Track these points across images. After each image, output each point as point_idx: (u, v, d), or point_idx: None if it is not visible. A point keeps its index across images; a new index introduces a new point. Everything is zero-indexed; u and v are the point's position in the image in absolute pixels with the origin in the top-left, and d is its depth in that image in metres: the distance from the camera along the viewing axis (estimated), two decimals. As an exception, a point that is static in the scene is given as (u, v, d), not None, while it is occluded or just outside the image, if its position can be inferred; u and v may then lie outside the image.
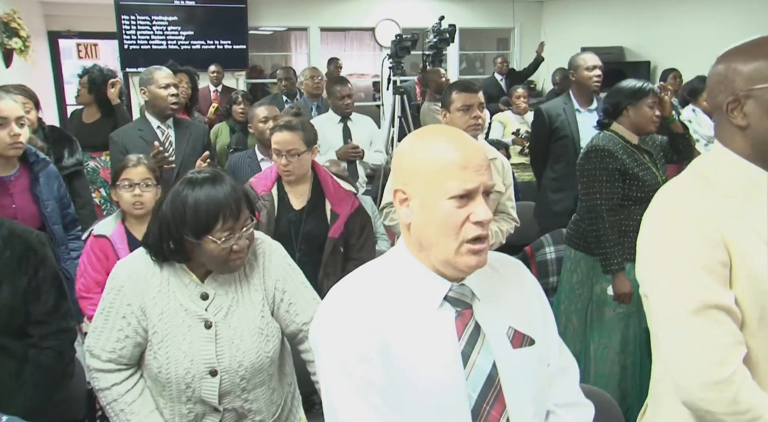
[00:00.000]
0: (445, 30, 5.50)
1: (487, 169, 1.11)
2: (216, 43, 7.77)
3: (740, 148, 1.24)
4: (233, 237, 1.55)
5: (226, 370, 1.63)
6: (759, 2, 6.07)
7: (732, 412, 1.16)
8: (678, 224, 1.22)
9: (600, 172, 2.63)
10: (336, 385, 1.11)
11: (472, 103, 2.57)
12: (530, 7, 9.15)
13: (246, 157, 3.38)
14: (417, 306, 1.14)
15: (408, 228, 1.15)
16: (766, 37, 1.22)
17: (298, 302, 1.75)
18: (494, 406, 1.12)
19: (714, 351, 1.17)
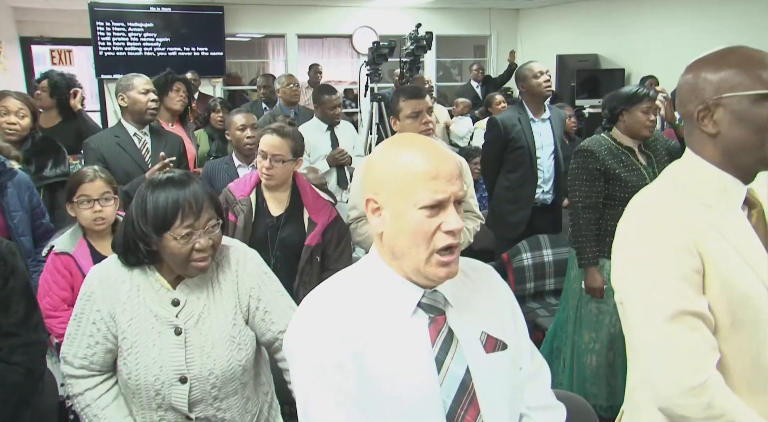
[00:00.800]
0: (422, 37, 5.52)
1: (458, 179, 1.11)
2: (192, 49, 7.74)
3: (711, 156, 1.26)
4: (194, 235, 1.56)
5: (196, 378, 1.62)
6: (730, 10, 6.22)
7: (707, 417, 1.17)
8: (652, 232, 1.24)
9: (581, 171, 2.76)
10: (311, 393, 1.11)
11: (421, 108, 2.58)
12: (506, 15, 9.24)
13: (223, 163, 3.36)
14: (390, 314, 1.15)
15: (380, 237, 1.16)
16: (733, 48, 1.25)
17: (274, 310, 1.74)
18: (468, 411, 1.13)
19: (689, 357, 1.18)
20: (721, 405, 1.17)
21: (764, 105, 1.18)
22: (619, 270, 1.31)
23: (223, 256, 1.72)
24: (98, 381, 1.66)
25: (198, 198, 1.57)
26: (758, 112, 1.18)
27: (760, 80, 1.18)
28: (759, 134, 1.19)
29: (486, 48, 9.53)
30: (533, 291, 3.52)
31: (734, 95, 1.20)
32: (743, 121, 1.20)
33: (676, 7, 6.86)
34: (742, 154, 1.22)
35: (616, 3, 7.62)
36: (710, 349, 1.19)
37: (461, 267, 1.18)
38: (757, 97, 1.18)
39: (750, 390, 1.22)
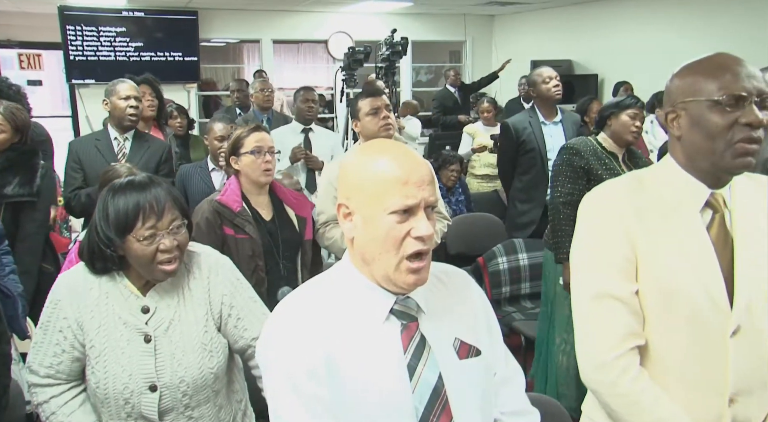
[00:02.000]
0: (397, 43, 5.54)
1: (430, 184, 1.11)
2: (167, 54, 7.65)
3: (678, 157, 1.31)
4: (157, 236, 1.55)
5: (166, 386, 1.60)
6: (701, 16, 6.33)
7: (612, 394, 1.26)
8: (592, 217, 1.34)
9: (564, 168, 2.80)
10: (283, 401, 1.11)
11: (379, 105, 2.62)
12: (481, 21, 9.32)
13: (197, 167, 3.34)
14: (362, 321, 1.14)
15: (352, 243, 1.16)
16: (714, 54, 1.28)
17: (247, 317, 1.72)
18: (441, 418, 1.13)
19: (605, 336, 1.27)
20: (627, 385, 1.25)
21: (715, 111, 1.21)
22: (571, 249, 1.39)
23: (194, 263, 1.70)
24: (64, 389, 1.63)
25: (159, 199, 1.57)
26: (710, 118, 1.22)
27: (718, 88, 1.21)
28: (710, 140, 1.23)
29: (461, 53, 9.60)
30: (509, 295, 3.53)
31: (692, 100, 1.24)
32: (698, 126, 1.24)
33: (647, 14, 6.97)
34: (699, 158, 1.26)
35: (589, 10, 7.73)
36: (627, 333, 1.27)
37: (435, 272, 1.18)
38: (710, 103, 1.22)
39: (681, 386, 1.26)
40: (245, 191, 2.46)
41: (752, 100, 1.20)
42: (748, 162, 1.23)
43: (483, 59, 9.36)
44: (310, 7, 8.15)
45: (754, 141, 1.21)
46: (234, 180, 2.47)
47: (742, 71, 1.22)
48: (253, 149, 2.41)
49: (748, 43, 5.54)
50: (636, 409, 1.24)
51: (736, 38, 5.74)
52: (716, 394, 1.26)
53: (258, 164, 2.41)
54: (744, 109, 1.20)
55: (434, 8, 8.61)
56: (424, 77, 10.47)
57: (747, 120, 1.20)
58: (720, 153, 1.22)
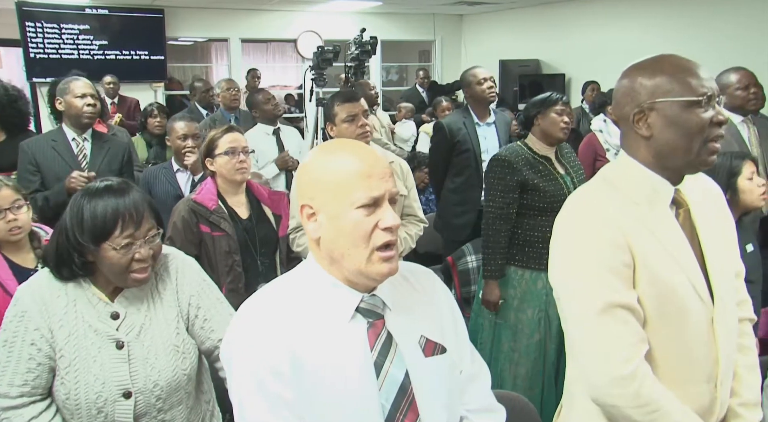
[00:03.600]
0: (366, 42, 5.54)
1: (391, 176, 1.13)
2: (132, 53, 7.53)
3: (644, 157, 1.32)
4: (134, 245, 1.52)
5: (141, 391, 1.57)
6: (666, 17, 6.47)
7: (635, 405, 1.23)
8: (584, 228, 1.30)
9: (497, 182, 2.71)
10: (247, 400, 1.11)
11: (356, 112, 2.58)
12: (450, 21, 9.37)
13: (162, 168, 3.28)
14: (328, 320, 1.14)
15: (317, 243, 1.15)
16: (665, 55, 1.31)
17: (213, 318, 1.71)
18: (407, 415, 1.13)
19: (619, 348, 1.24)
20: (648, 393, 1.23)
21: (693, 111, 1.24)
22: (555, 265, 1.35)
23: (162, 265, 1.68)
24: (42, 407, 1.55)
25: (138, 207, 1.53)
26: (687, 117, 1.24)
27: (690, 87, 1.24)
28: (687, 138, 1.25)
29: (431, 53, 9.64)
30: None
31: (667, 100, 1.25)
32: (674, 125, 1.26)
33: (614, 14, 7.09)
34: (672, 157, 1.28)
35: (557, 10, 7.83)
36: (639, 341, 1.25)
37: (401, 271, 1.19)
38: (686, 103, 1.24)
39: (677, 381, 1.29)
40: (222, 191, 2.51)
41: (716, 99, 1.25)
42: (714, 159, 1.28)
43: (452, 59, 9.41)
44: (278, 6, 8.10)
45: (720, 139, 1.27)
46: (210, 181, 2.52)
47: (703, 72, 1.27)
48: (227, 150, 2.46)
49: (706, 44, 5.71)
50: (658, 415, 1.24)
51: (695, 39, 5.90)
52: (709, 381, 1.31)
53: (233, 164, 2.45)
54: (715, 109, 1.25)
55: (403, 8, 8.63)
56: (395, 76, 10.49)
57: (719, 119, 1.25)
58: (696, 151, 1.25)
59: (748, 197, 2.36)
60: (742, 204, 2.36)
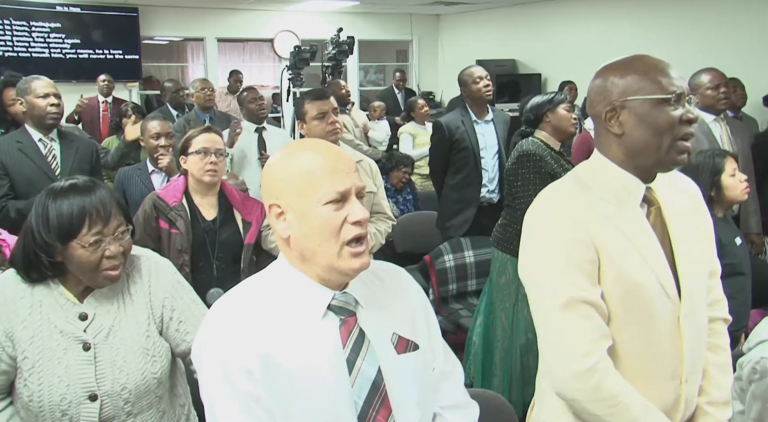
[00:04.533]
0: (343, 42, 5.54)
1: (356, 172, 1.14)
2: (106, 52, 7.44)
3: (615, 155, 1.34)
4: (103, 242, 1.50)
5: (107, 394, 1.55)
6: (640, 19, 6.56)
7: (594, 399, 1.26)
8: (550, 224, 1.32)
9: (534, 176, 2.77)
10: (218, 400, 1.11)
11: (326, 109, 2.60)
12: (427, 21, 9.40)
13: (136, 169, 3.24)
14: (300, 318, 1.15)
15: (287, 242, 1.15)
16: (637, 56, 1.34)
17: (188, 320, 1.69)
18: (380, 411, 1.14)
19: (580, 343, 1.26)
20: (608, 387, 1.25)
21: (663, 109, 1.26)
22: (522, 260, 1.38)
23: (134, 266, 1.66)
24: None
25: (105, 204, 1.51)
26: (657, 115, 1.26)
27: (660, 86, 1.26)
28: (657, 136, 1.27)
29: (408, 53, 9.66)
30: (456, 292, 3.58)
31: (637, 98, 1.27)
32: (644, 122, 1.28)
33: (589, 15, 7.18)
34: (643, 154, 1.30)
35: (533, 10, 7.90)
36: (600, 336, 1.27)
37: (373, 269, 1.20)
38: (657, 101, 1.26)
39: (642, 377, 1.31)
40: (191, 190, 2.50)
41: (686, 98, 1.27)
42: (684, 158, 1.30)
43: (429, 58, 9.45)
44: (255, 6, 8.06)
45: (690, 137, 1.28)
46: (182, 178, 2.52)
47: (673, 71, 1.29)
48: (200, 149, 2.45)
49: (679, 44, 5.80)
50: (617, 410, 1.26)
51: (669, 39, 5.98)
52: (674, 378, 1.33)
53: (203, 164, 2.44)
54: (685, 107, 1.26)
55: (380, 7, 8.63)
56: (374, 76, 10.49)
57: (689, 117, 1.26)
58: (666, 149, 1.27)
59: (731, 193, 2.41)
60: (727, 200, 2.41)
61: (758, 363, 1.98)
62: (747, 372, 2.00)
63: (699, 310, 1.36)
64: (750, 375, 1.99)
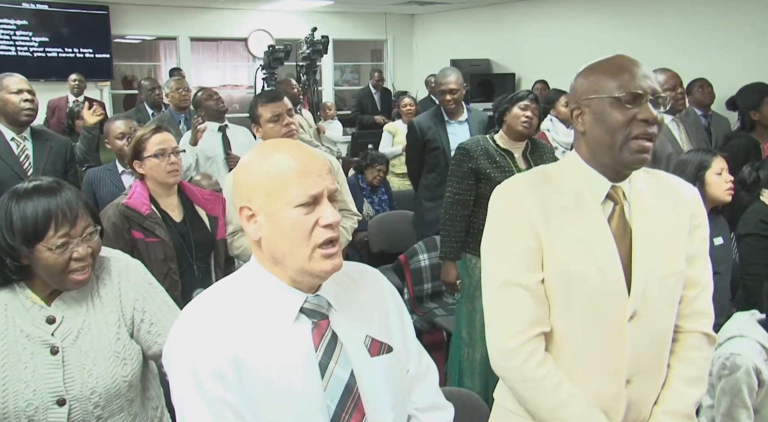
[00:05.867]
0: (318, 41, 5.53)
1: (328, 174, 1.13)
2: (76, 51, 7.30)
3: (583, 152, 1.38)
4: (71, 244, 1.47)
5: (76, 398, 1.52)
6: (614, 18, 6.64)
7: (518, 379, 1.32)
8: (500, 210, 1.38)
9: (456, 169, 2.87)
10: (188, 403, 1.10)
11: (280, 111, 2.59)
12: (402, 20, 9.41)
13: (106, 169, 3.19)
14: (272, 321, 1.14)
15: (258, 244, 1.15)
16: (612, 56, 1.36)
17: (160, 322, 1.67)
18: (353, 415, 1.13)
19: (510, 323, 1.32)
20: (531, 370, 1.30)
21: (616, 108, 1.28)
22: (482, 241, 1.43)
23: (104, 268, 1.63)
24: None
25: (72, 205, 1.48)
26: (611, 113, 1.29)
27: (618, 85, 1.28)
28: (610, 134, 1.30)
29: (383, 52, 9.66)
30: (431, 291, 3.59)
31: (595, 97, 1.31)
32: (600, 121, 1.31)
33: (563, 15, 7.25)
34: (600, 152, 1.33)
35: (507, 10, 7.96)
36: (532, 320, 1.32)
37: (346, 271, 1.19)
38: (611, 100, 1.29)
39: (580, 369, 1.34)
40: (153, 193, 2.43)
41: (648, 98, 1.28)
42: (643, 158, 1.30)
43: (404, 58, 9.46)
44: (228, 4, 8.00)
45: (649, 137, 1.29)
46: (140, 183, 2.43)
47: (639, 71, 1.30)
48: (157, 152, 2.39)
49: (653, 43, 5.90)
50: (539, 393, 1.30)
51: (642, 38, 6.07)
52: (613, 376, 1.33)
53: (163, 166, 2.39)
54: (641, 107, 1.28)
55: (354, 7, 8.63)
56: (349, 76, 10.47)
57: (643, 116, 1.27)
58: (619, 147, 1.29)
59: (714, 191, 2.44)
60: (709, 197, 2.42)
61: (728, 359, 2.02)
62: (717, 368, 2.04)
63: (656, 313, 1.34)
64: (720, 371, 2.03)
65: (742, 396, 1.98)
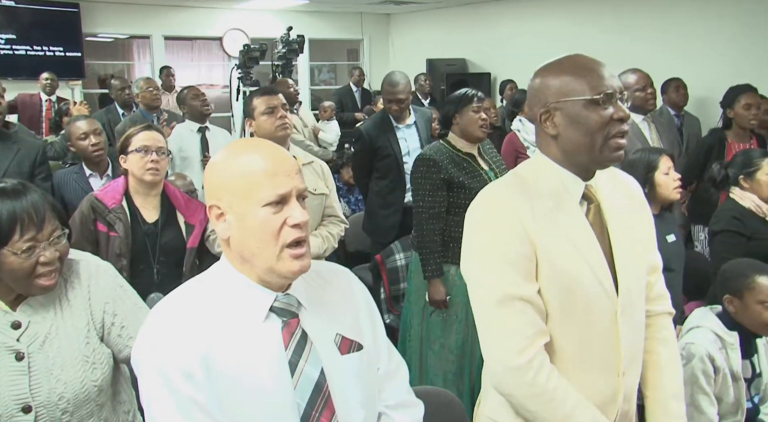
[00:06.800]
0: (293, 40, 5.49)
1: (298, 174, 1.13)
2: (45, 49, 7.16)
3: (554, 155, 1.36)
4: (37, 248, 1.44)
5: (43, 405, 1.49)
6: (586, 20, 6.71)
7: (531, 394, 1.28)
8: (489, 220, 1.34)
9: (424, 181, 2.75)
10: (157, 403, 1.09)
11: (275, 104, 2.58)
12: (378, 20, 9.41)
13: (72, 172, 3.12)
14: (242, 320, 1.14)
15: (228, 243, 1.15)
16: (570, 56, 1.36)
17: (131, 325, 1.64)
18: (323, 413, 1.14)
19: (516, 339, 1.28)
20: (543, 383, 1.28)
21: (593, 109, 1.28)
22: (463, 256, 1.39)
23: (72, 271, 1.60)
24: None
25: (38, 208, 1.45)
26: (588, 115, 1.28)
27: (590, 86, 1.28)
28: (589, 136, 1.29)
29: (359, 52, 9.66)
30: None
31: (569, 99, 1.29)
32: (576, 123, 1.30)
33: (538, 14, 7.30)
34: (577, 154, 1.32)
35: (482, 9, 7.99)
36: (537, 332, 1.29)
37: (316, 270, 1.20)
38: (587, 102, 1.28)
39: (580, 371, 1.34)
40: (132, 191, 2.42)
41: (617, 96, 1.29)
42: (620, 155, 1.32)
43: (380, 57, 9.46)
44: (202, 3, 7.93)
45: (624, 134, 1.31)
46: (122, 179, 2.44)
47: (605, 70, 1.31)
48: (140, 147, 2.38)
49: (628, 44, 5.97)
50: (552, 406, 1.28)
51: (618, 40, 6.14)
52: (611, 371, 1.35)
53: (143, 163, 2.37)
54: (615, 106, 1.28)
55: (330, 6, 8.60)
56: (326, 76, 10.45)
57: (619, 115, 1.28)
58: (599, 148, 1.29)
59: (664, 191, 2.47)
60: (659, 197, 2.47)
61: (684, 349, 2.08)
62: None
63: (637, 305, 1.39)
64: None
65: (700, 383, 2.04)
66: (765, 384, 2.23)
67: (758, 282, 2.07)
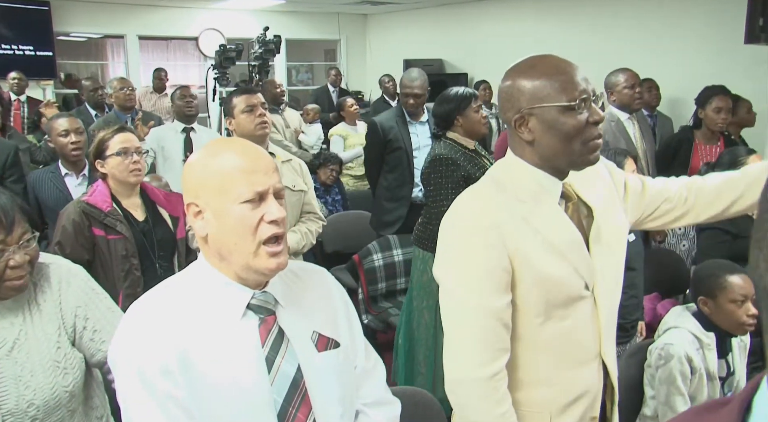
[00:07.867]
0: (270, 41, 5.46)
1: (275, 172, 1.15)
2: (15, 48, 7.03)
3: (530, 159, 1.34)
4: (6, 252, 1.42)
5: (11, 412, 1.46)
6: (562, 20, 6.78)
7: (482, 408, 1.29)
8: (464, 230, 1.32)
9: (445, 181, 2.78)
10: (134, 401, 1.09)
11: (255, 102, 2.59)
12: (355, 20, 9.40)
13: (48, 172, 3.07)
14: (219, 317, 1.15)
15: (206, 241, 1.16)
16: (542, 57, 1.33)
17: (104, 328, 1.62)
18: (300, 409, 1.15)
19: (485, 351, 1.29)
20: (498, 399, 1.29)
21: (569, 115, 1.26)
22: (437, 262, 1.38)
23: (43, 275, 1.57)
24: None
25: (6, 210, 1.42)
26: (564, 121, 1.26)
27: (565, 92, 1.26)
28: (567, 141, 1.28)
29: (336, 52, 9.63)
30: (385, 291, 3.58)
31: (544, 106, 1.27)
32: (553, 129, 1.28)
33: (514, 15, 7.36)
34: (555, 158, 1.31)
35: (459, 10, 8.03)
36: (501, 349, 1.30)
37: (293, 269, 1.21)
38: (563, 108, 1.26)
39: (572, 364, 1.36)
40: (115, 193, 2.43)
41: (591, 98, 1.28)
42: (597, 156, 1.32)
43: (357, 58, 9.45)
44: (177, 3, 7.85)
45: (600, 136, 1.31)
46: (102, 183, 2.43)
47: (577, 73, 1.29)
48: (120, 150, 2.38)
49: (605, 45, 6.04)
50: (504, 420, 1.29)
51: (594, 40, 6.22)
52: (595, 358, 1.38)
53: (126, 165, 2.38)
54: (590, 109, 1.27)
55: (307, 6, 8.58)
56: (303, 76, 10.41)
57: (594, 118, 1.27)
58: (578, 152, 1.28)
59: None
60: None
61: (662, 350, 2.11)
62: (654, 359, 2.12)
63: (611, 290, 1.41)
64: (657, 361, 2.11)
65: (677, 383, 2.07)
66: (737, 382, 2.27)
67: (729, 282, 2.10)
